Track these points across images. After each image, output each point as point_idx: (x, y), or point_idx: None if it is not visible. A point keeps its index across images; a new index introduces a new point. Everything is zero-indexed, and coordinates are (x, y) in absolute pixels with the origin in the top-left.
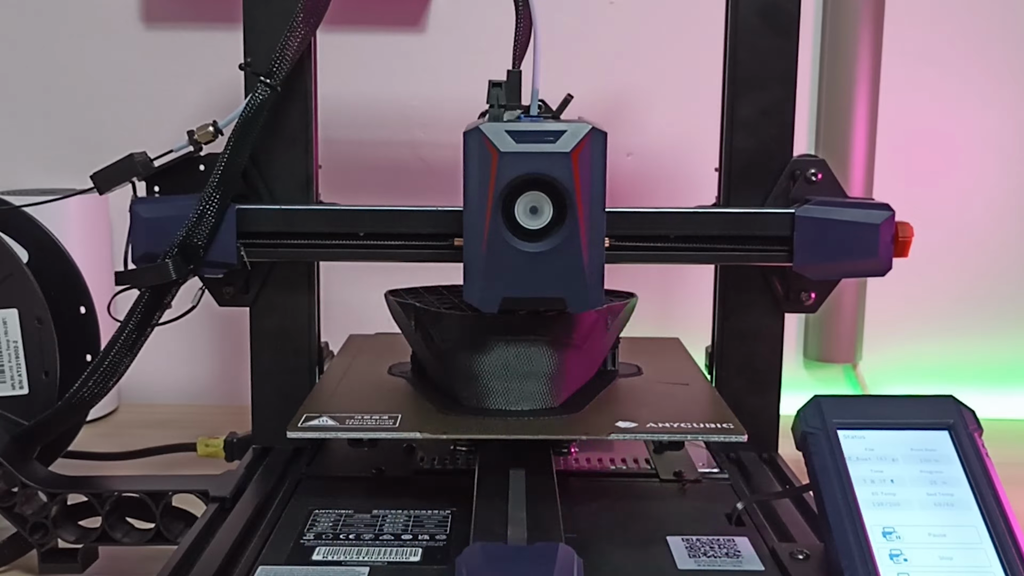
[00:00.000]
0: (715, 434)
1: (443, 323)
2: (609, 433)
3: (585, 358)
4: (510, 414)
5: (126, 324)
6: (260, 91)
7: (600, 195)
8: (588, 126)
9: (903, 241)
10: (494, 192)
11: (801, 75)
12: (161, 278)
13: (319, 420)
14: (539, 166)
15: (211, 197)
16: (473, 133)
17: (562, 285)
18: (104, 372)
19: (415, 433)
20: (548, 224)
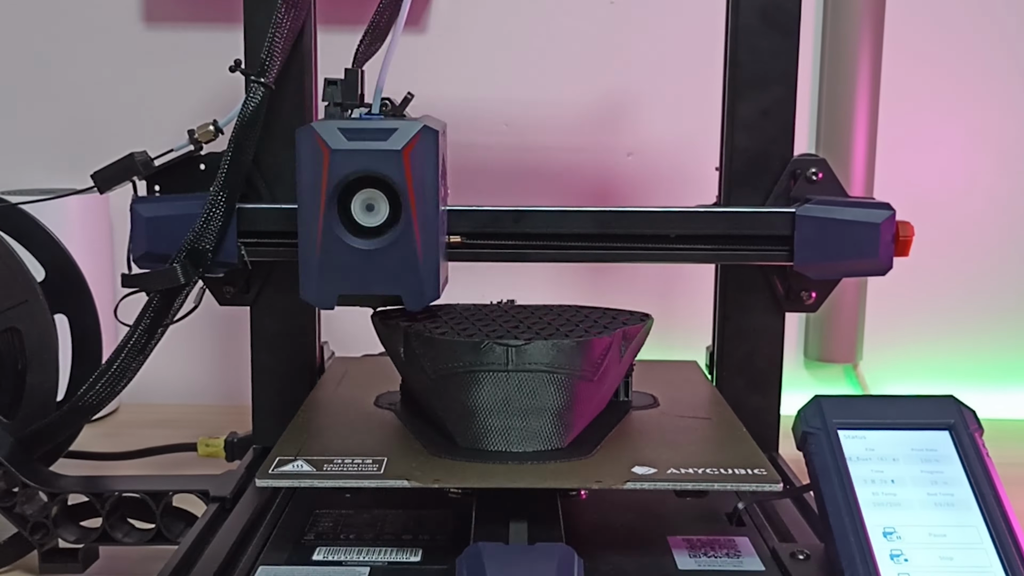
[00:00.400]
0: (745, 482)
1: (435, 350)
2: (624, 482)
3: (597, 391)
4: (511, 457)
5: (136, 328)
6: (255, 91)
7: (433, 192)
8: (420, 124)
9: (904, 240)
10: (326, 189)
11: (801, 74)
12: (170, 282)
13: (293, 465)
14: (370, 164)
15: (217, 200)
16: (305, 130)
17: (397, 282)
18: (112, 376)
19: (402, 481)
20: (384, 222)
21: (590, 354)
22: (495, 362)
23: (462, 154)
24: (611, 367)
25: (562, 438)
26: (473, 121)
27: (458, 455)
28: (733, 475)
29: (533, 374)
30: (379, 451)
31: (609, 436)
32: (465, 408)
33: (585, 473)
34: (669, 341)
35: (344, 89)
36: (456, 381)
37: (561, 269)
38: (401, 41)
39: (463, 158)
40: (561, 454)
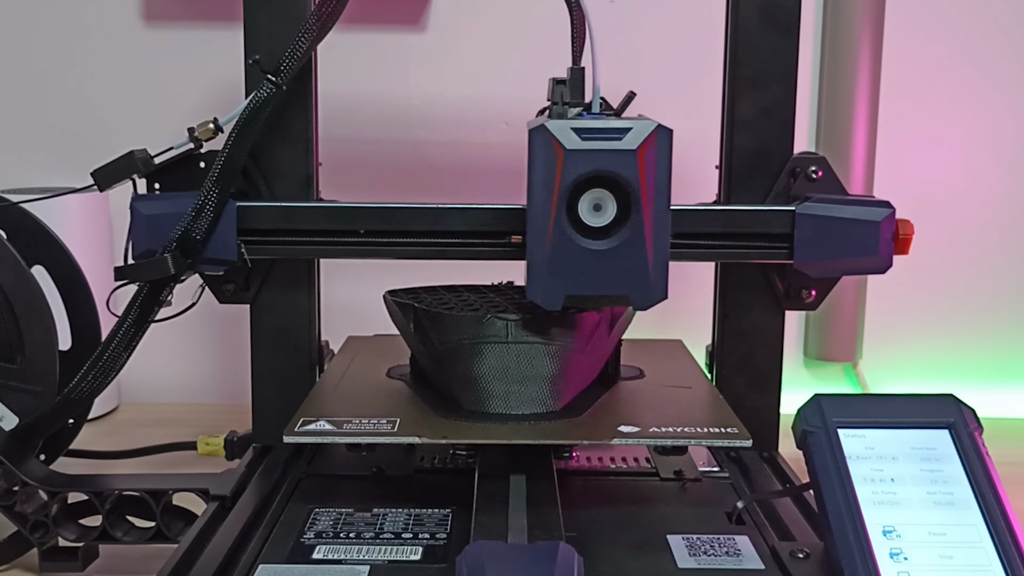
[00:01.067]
0: (719, 438)
1: (442, 324)
2: (611, 438)
3: (587, 361)
4: (510, 418)
5: (124, 319)
6: (266, 88)
7: (665, 192)
8: (654, 123)
9: (903, 238)
10: (559, 189)
11: (801, 73)
12: (160, 273)
13: (316, 424)
14: (605, 163)
15: (210, 192)
16: (539, 131)
17: (626, 283)
18: (103, 367)
19: (414, 438)
20: (611, 222)
21: (581, 328)
22: (496, 335)
23: (462, 154)
24: (600, 340)
25: (556, 402)
26: (473, 121)
27: (463, 417)
28: (708, 432)
29: (530, 345)
30: (392, 413)
31: (599, 402)
32: (469, 376)
33: (576, 431)
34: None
35: (571, 88)
36: (461, 352)
37: None
38: (400, 41)
39: (463, 158)
40: (555, 415)
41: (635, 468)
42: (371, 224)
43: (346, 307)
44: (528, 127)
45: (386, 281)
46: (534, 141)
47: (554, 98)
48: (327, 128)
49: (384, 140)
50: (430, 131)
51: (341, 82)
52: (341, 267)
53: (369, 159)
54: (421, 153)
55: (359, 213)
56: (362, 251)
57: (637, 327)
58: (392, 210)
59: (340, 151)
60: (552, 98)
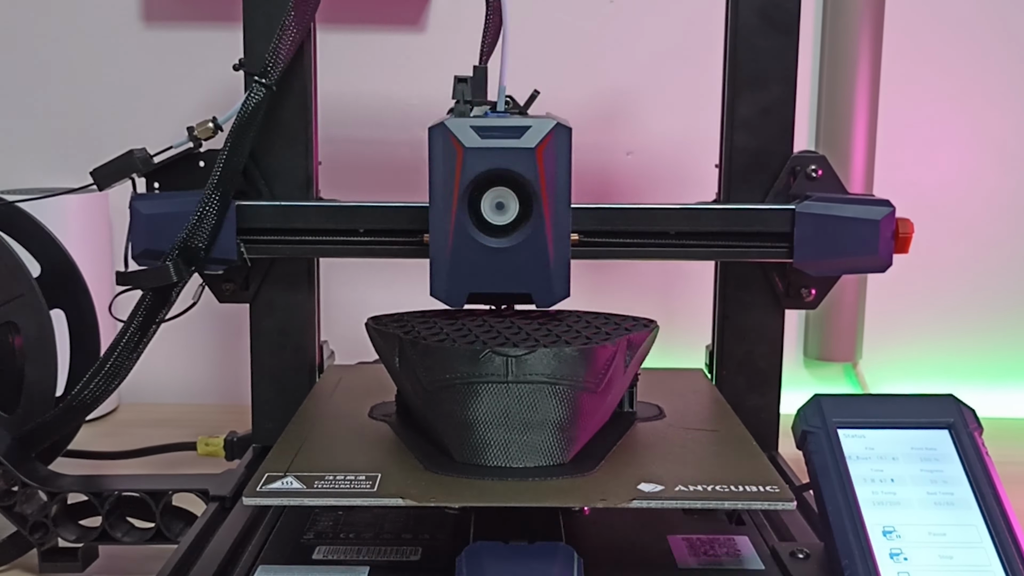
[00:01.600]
0: (757, 499)
1: (431, 357)
2: (631, 499)
3: (600, 402)
4: (511, 473)
5: (128, 325)
6: (255, 91)
7: (565, 190)
8: (553, 121)
9: (903, 237)
10: (459, 187)
11: (801, 72)
12: (162, 280)
13: (282, 482)
14: (504, 161)
15: (211, 198)
16: (438, 128)
17: (528, 280)
18: (107, 374)
19: (396, 500)
20: (514, 220)
21: (594, 364)
22: (494, 373)
23: None
24: (615, 377)
25: (564, 453)
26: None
27: (455, 471)
28: (744, 492)
29: (534, 386)
30: (373, 466)
31: (613, 450)
32: (462, 421)
33: (588, 491)
34: (669, 341)
35: (473, 86)
36: (453, 393)
37: None
38: (400, 41)
39: None
40: (563, 470)
41: None
42: (370, 223)
43: (347, 306)
44: (428, 126)
45: (386, 282)
46: (433, 139)
47: (455, 96)
48: (326, 128)
49: (384, 140)
50: None
51: (341, 82)
52: (341, 266)
53: (369, 159)
54: (420, 153)
55: (358, 212)
56: (361, 250)
57: None
58: (391, 209)
59: (339, 151)
60: (454, 96)
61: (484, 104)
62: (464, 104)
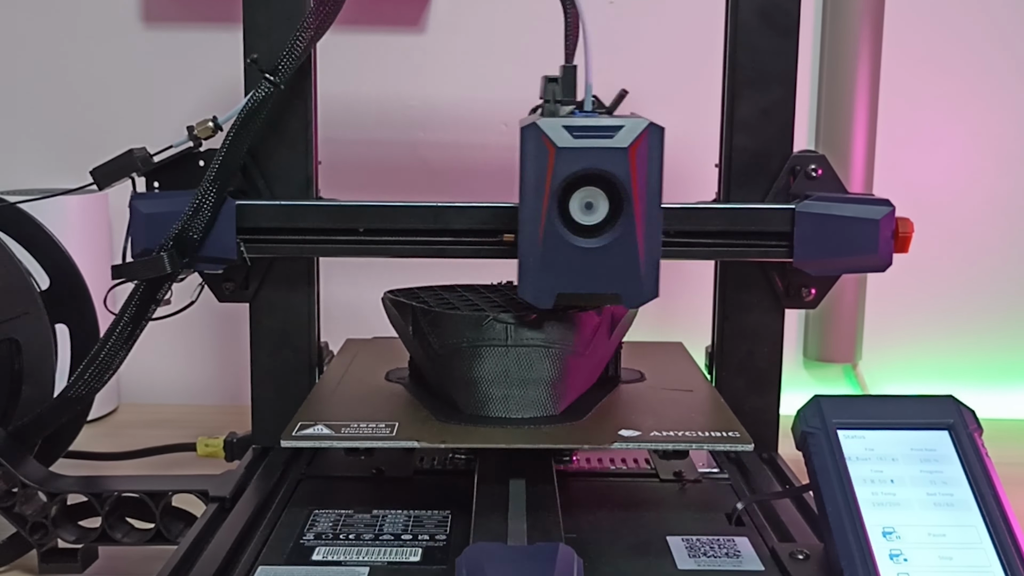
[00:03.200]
0: (720, 443)
1: (441, 326)
2: (611, 442)
3: (587, 364)
4: (510, 422)
5: (121, 317)
6: (264, 88)
7: (657, 191)
8: (646, 121)
9: (903, 237)
10: (551, 187)
11: (801, 74)
12: (156, 271)
13: (314, 428)
14: (597, 162)
15: (207, 191)
16: (531, 128)
17: (617, 281)
18: (100, 366)
19: (412, 442)
20: (603, 220)
21: (581, 331)
22: (495, 338)
23: (460, 155)
24: (600, 343)
25: (556, 406)
26: (472, 121)
27: (462, 421)
28: (710, 437)
29: (530, 348)
30: (391, 417)
31: (599, 405)
32: (469, 379)
33: (576, 435)
34: (669, 341)
35: (563, 86)
36: (461, 355)
37: None
38: (400, 42)
39: (461, 159)
40: (555, 419)
41: (635, 469)
42: (370, 222)
43: (347, 306)
44: (520, 125)
45: (386, 282)
46: (526, 139)
47: (546, 96)
48: (326, 129)
49: (383, 141)
50: (429, 132)
51: (340, 83)
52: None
53: (368, 160)
54: (420, 154)
55: (358, 211)
56: (361, 249)
57: (636, 329)
58: (391, 208)
59: (339, 152)
60: (544, 96)
61: (571, 103)
62: (554, 103)
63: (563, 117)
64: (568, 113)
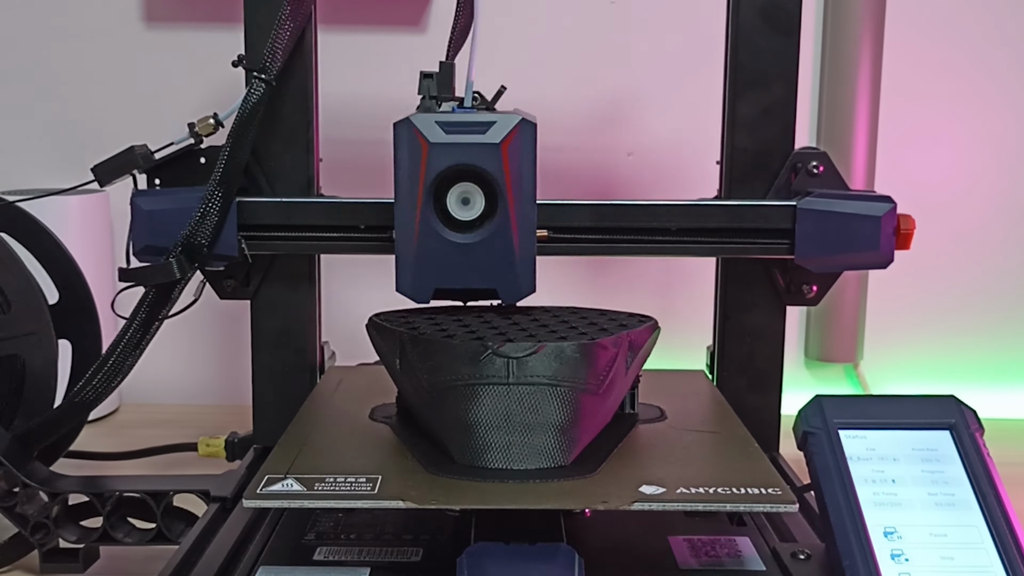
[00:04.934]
0: (759, 502)
1: (432, 357)
2: (632, 502)
3: (602, 404)
4: (512, 475)
5: (131, 323)
6: (255, 87)
7: (531, 186)
8: (518, 117)
9: (905, 233)
10: (424, 183)
11: (802, 73)
12: (166, 277)
13: (283, 484)
14: (469, 157)
15: (214, 195)
16: (403, 124)
17: (493, 275)
18: (109, 371)
19: (397, 502)
20: (480, 215)
21: (595, 366)
22: (495, 375)
23: None
24: (617, 379)
25: (566, 455)
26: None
27: (456, 473)
28: (746, 495)
29: (535, 387)
30: (373, 468)
31: (615, 452)
32: (463, 423)
33: (590, 493)
34: (670, 342)
35: (439, 82)
36: (454, 394)
37: (561, 267)
38: (401, 41)
39: None
40: (565, 472)
41: None
42: (371, 220)
43: (347, 306)
44: (393, 122)
45: (387, 283)
46: (399, 134)
47: (421, 91)
48: (327, 129)
49: (384, 141)
50: None
51: (341, 83)
52: (342, 268)
53: (369, 160)
54: None
55: (359, 208)
56: (362, 247)
57: None
58: (392, 205)
59: (340, 152)
60: (419, 92)
61: (451, 100)
62: (430, 100)
63: (437, 113)
64: (448, 109)
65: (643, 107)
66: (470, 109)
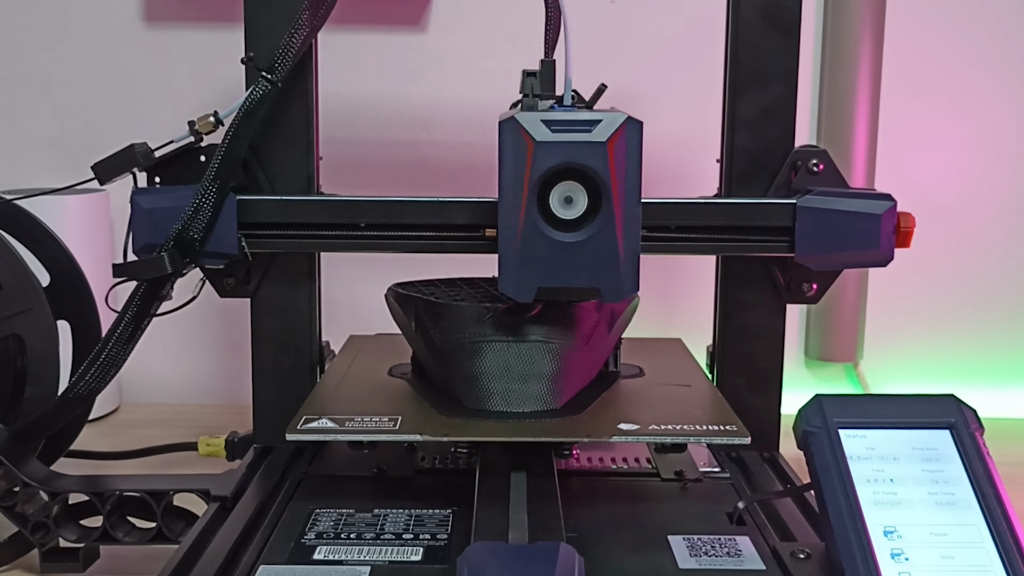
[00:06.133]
0: (718, 436)
1: (443, 319)
2: (611, 435)
3: (587, 359)
4: (511, 416)
5: (123, 316)
6: (261, 86)
7: (635, 184)
8: (623, 115)
9: (905, 231)
10: (529, 181)
11: (802, 71)
12: (157, 271)
13: (318, 422)
14: (575, 155)
15: (208, 190)
16: (509, 122)
17: (597, 275)
18: (102, 365)
19: (415, 436)
20: (582, 214)
21: (581, 326)
22: (497, 333)
23: (462, 154)
24: (599, 338)
25: (556, 400)
26: (473, 121)
27: (465, 415)
28: (707, 430)
29: (531, 344)
30: (394, 412)
31: (598, 400)
32: (471, 374)
33: (576, 429)
34: None
35: (542, 80)
36: (463, 350)
37: None
38: (401, 41)
39: (463, 159)
40: (555, 413)
41: (636, 468)
42: (371, 217)
43: (348, 306)
44: (499, 120)
45: (387, 282)
46: (504, 133)
47: (524, 90)
48: (327, 129)
49: (384, 141)
50: (431, 132)
51: (342, 83)
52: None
53: (369, 160)
54: (421, 153)
55: (359, 206)
56: (362, 244)
57: (638, 327)
58: (391, 203)
59: (340, 152)
60: (523, 91)
61: (550, 98)
62: (532, 98)
63: (541, 111)
64: (548, 108)
65: (643, 107)
66: (571, 107)
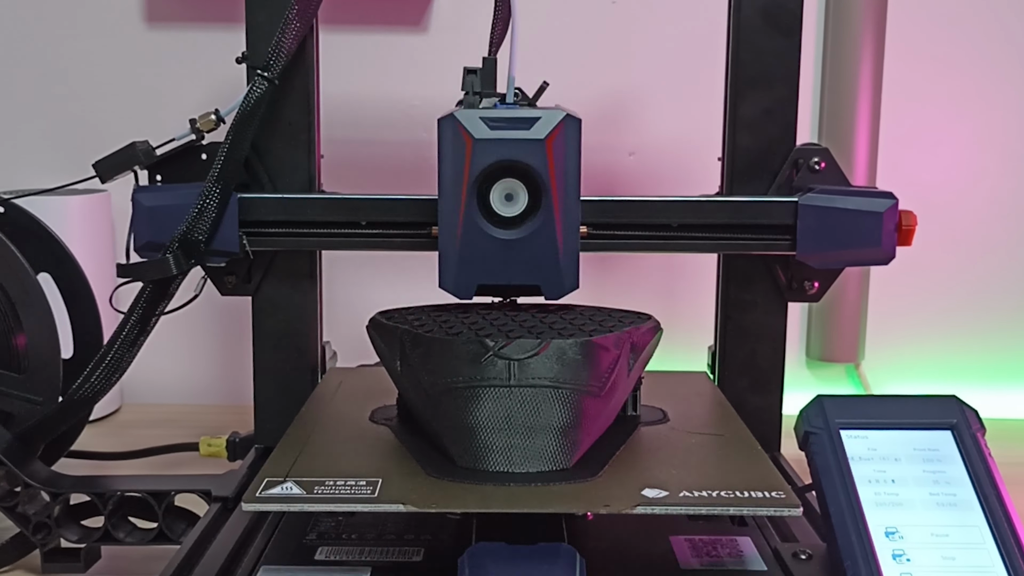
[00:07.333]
0: (763, 505)
1: (432, 357)
2: (634, 506)
3: (604, 406)
4: (513, 478)
5: (128, 318)
6: (257, 84)
7: (575, 182)
8: (562, 113)
9: (906, 229)
10: (468, 179)
11: (804, 71)
12: (162, 273)
13: (282, 487)
14: (513, 153)
15: (211, 191)
16: (447, 120)
17: (537, 272)
18: (107, 367)
19: (397, 506)
20: (523, 211)
21: (597, 367)
22: (496, 376)
23: None
24: (619, 380)
25: (567, 457)
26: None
27: (457, 476)
28: (749, 499)
29: (536, 389)
30: (374, 471)
31: (617, 455)
32: (464, 425)
33: (592, 496)
34: (671, 342)
35: (483, 78)
36: (455, 397)
37: None
38: (401, 41)
39: None
40: (566, 475)
41: None
42: (372, 216)
43: (348, 308)
44: (438, 118)
45: (388, 282)
46: (443, 130)
47: (465, 88)
48: (328, 130)
49: (385, 141)
50: (432, 132)
51: (342, 83)
52: (343, 267)
53: (370, 160)
54: (422, 154)
55: (360, 204)
56: (363, 243)
57: None
58: (393, 202)
59: (341, 152)
60: (464, 88)
61: (493, 96)
62: (473, 95)
63: (481, 109)
64: (491, 105)
65: (645, 107)
66: (513, 105)
